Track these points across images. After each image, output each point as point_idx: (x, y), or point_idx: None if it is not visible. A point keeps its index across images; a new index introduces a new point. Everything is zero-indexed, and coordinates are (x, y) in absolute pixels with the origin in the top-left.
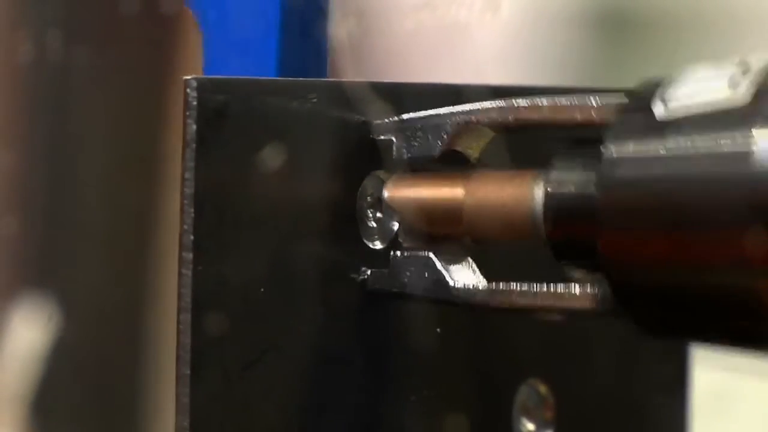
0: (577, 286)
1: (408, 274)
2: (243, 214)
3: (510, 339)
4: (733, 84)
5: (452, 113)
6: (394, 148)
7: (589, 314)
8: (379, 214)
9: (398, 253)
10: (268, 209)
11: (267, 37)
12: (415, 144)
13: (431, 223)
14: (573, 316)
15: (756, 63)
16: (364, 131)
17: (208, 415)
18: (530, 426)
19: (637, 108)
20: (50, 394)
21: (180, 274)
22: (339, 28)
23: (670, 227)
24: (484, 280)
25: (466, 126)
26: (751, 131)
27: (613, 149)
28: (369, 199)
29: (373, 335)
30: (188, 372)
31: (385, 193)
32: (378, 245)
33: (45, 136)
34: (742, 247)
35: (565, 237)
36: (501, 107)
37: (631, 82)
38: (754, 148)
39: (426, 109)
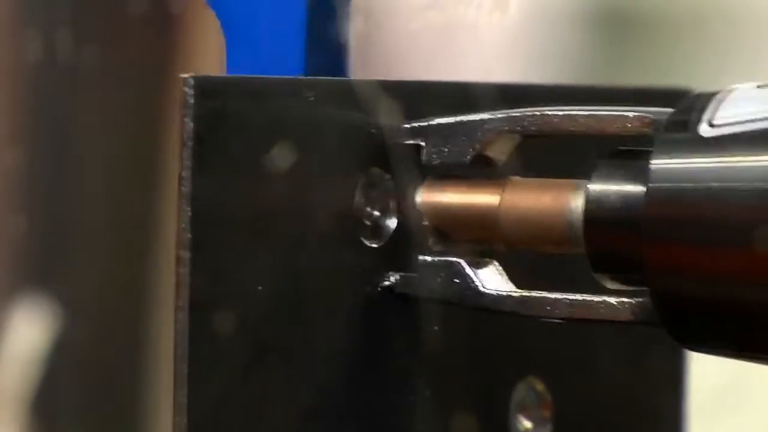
0: (610, 297)
1: (438, 279)
2: (240, 213)
3: (507, 337)
4: None
5: (486, 119)
6: (424, 153)
7: (623, 325)
8: (376, 213)
9: (426, 258)
10: (265, 207)
11: (292, 39)
12: (446, 149)
13: (465, 229)
14: (606, 326)
15: None
16: (361, 129)
17: (206, 414)
18: (527, 424)
19: (683, 122)
20: (50, 393)
21: (177, 273)
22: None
23: (717, 242)
24: (512, 284)
25: (499, 133)
26: None
27: (661, 162)
28: (367, 197)
29: (373, 335)
30: (186, 371)
31: (418, 198)
32: (375, 244)
33: (47, 135)
34: None
35: (606, 248)
36: (535, 115)
37: (634, 80)
38: None
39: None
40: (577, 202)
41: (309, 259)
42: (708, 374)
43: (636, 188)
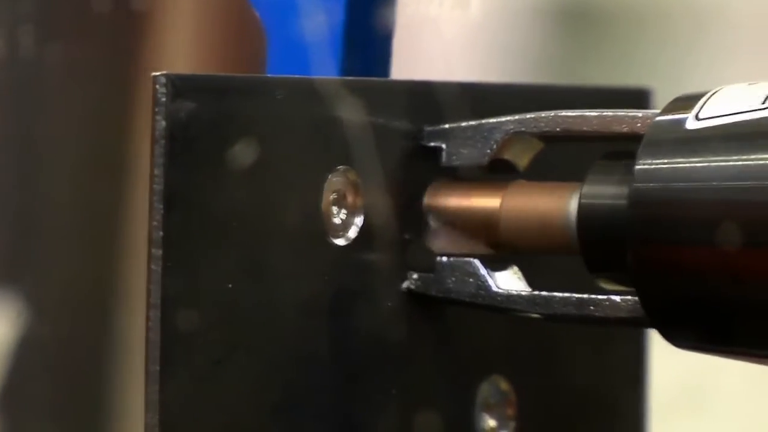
0: (615, 295)
1: (453, 279)
2: (212, 211)
3: (472, 336)
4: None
5: (502, 122)
6: (444, 155)
7: (628, 324)
8: (344, 211)
9: (444, 258)
10: (237, 205)
11: (330, 40)
12: (465, 151)
13: (469, 231)
14: (613, 326)
15: None
16: (329, 126)
17: (177, 411)
18: (492, 422)
19: (670, 122)
20: (18, 391)
21: (149, 271)
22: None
23: (698, 241)
24: (528, 287)
25: (515, 135)
26: None
27: (643, 162)
28: (334, 195)
29: (342, 333)
30: (157, 368)
31: (425, 200)
32: (342, 242)
33: (13, 133)
34: None
35: (597, 250)
36: (550, 117)
37: (597, 76)
38: None
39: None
40: (573, 205)
41: (278, 257)
42: (670, 372)
43: (623, 190)
